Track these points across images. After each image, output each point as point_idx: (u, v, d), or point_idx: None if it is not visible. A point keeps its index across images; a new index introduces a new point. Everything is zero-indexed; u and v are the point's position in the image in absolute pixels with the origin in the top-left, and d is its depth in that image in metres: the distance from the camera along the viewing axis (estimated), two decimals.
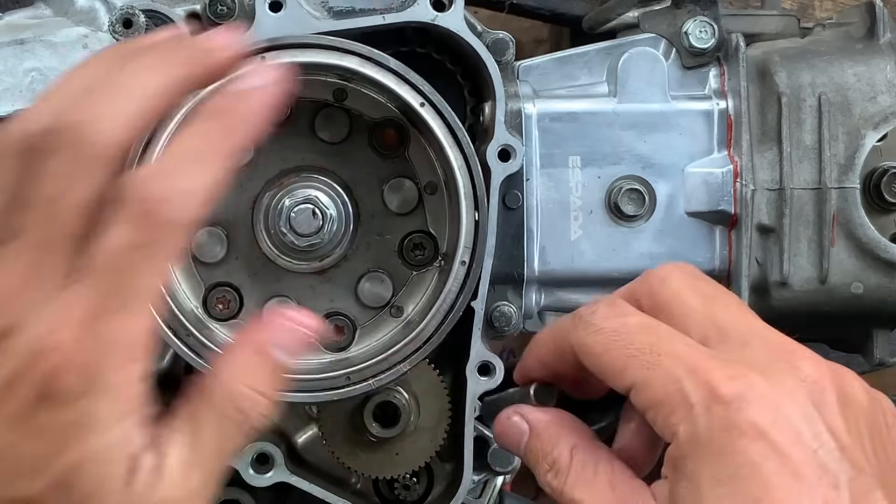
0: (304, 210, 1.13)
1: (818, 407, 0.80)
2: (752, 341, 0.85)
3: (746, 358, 0.83)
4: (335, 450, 1.25)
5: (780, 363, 0.83)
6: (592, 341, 0.88)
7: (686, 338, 0.85)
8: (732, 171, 1.24)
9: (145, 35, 0.94)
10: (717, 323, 0.86)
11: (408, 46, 1.25)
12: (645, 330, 0.86)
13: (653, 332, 0.86)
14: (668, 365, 0.82)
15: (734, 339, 0.85)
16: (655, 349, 0.84)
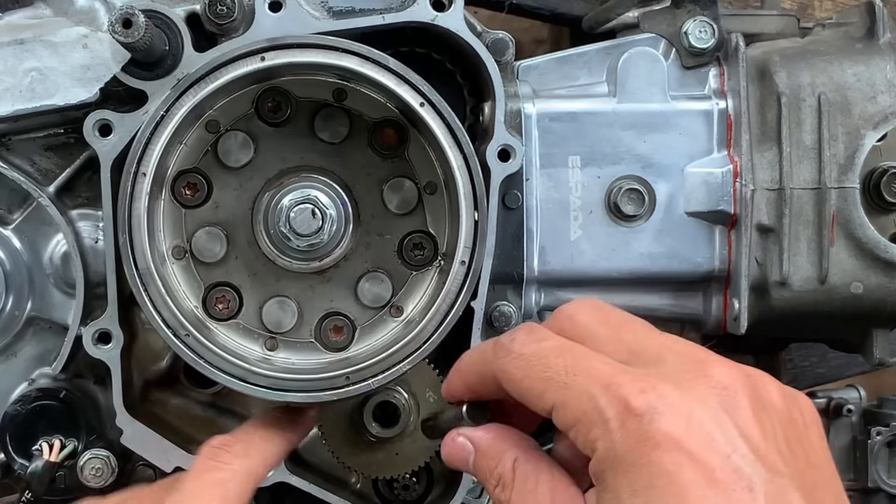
0: (304, 210, 1.13)
1: (730, 412, 0.81)
2: (666, 356, 0.87)
3: (660, 372, 0.84)
4: (335, 450, 1.25)
5: (691, 373, 0.84)
6: (512, 367, 0.90)
7: (601, 356, 0.87)
8: (732, 171, 1.24)
9: None
10: (628, 346, 0.89)
11: (408, 46, 1.25)
12: (560, 352, 0.87)
13: (568, 353, 0.87)
14: (582, 384, 0.84)
15: (648, 357, 0.87)
16: (571, 370, 0.85)
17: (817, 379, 1.93)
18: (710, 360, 0.85)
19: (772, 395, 0.84)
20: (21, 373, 1.28)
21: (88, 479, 1.23)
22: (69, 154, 1.27)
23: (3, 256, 1.27)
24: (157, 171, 1.11)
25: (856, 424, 1.66)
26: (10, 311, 1.27)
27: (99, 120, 1.14)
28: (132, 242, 1.10)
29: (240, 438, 1.09)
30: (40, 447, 1.22)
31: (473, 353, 0.99)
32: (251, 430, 1.12)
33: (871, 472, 1.62)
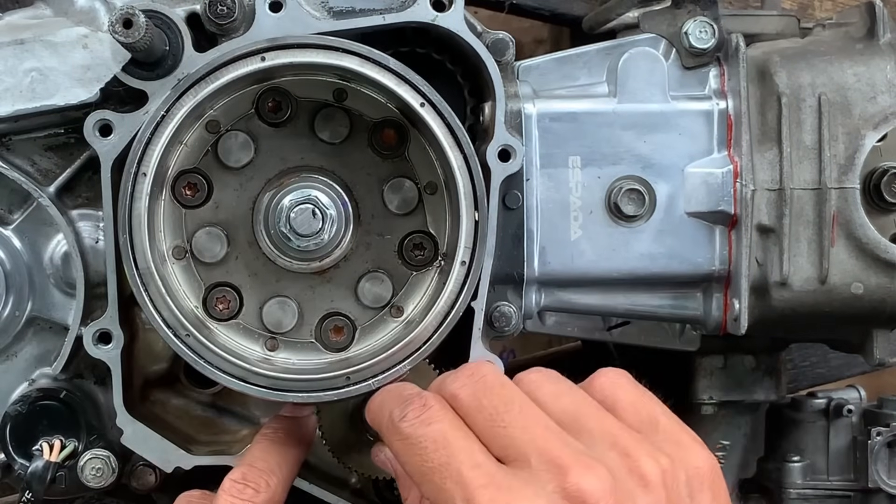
0: (304, 210, 1.13)
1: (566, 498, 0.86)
2: (530, 455, 0.90)
3: (519, 478, 0.88)
4: (335, 450, 1.25)
5: (549, 481, 0.87)
6: (397, 446, 0.94)
7: (477, 455, 0.89)
8: (732, 172, 1.24)
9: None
10: (501, 439, 0.92)
11: (408, 46, 1.25)
12: (438, 446, 0.90)
13: (444, 449, 0.90)
14: (449, 491, 0.88)
15: (515, 456, 0.90)
16: (445, 470, 0.88)
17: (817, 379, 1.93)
18: (572, 466, 0.88)
19: (594, 486, 0.87)
20: (21, 373, 1.28)
21: (89, 480, 1.23)
22: (69, 154, 1.27)
23: (3, 256, 1.27)
24: (158, 172, 1.11)
25: (856, 425, 1.66)
26: (11, 312, 1.27)
27: (99, 120, 1.14)
28: (132, 242, 1.10)
29: (259, 469, 1.10)
30: (40, 447, 1.22)
31: (376, 407, 1.03)
32: (266, 457, 1.13)
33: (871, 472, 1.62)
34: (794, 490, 1.64)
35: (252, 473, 1.10)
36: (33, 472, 1.20)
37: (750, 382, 1.55)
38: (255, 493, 1.08)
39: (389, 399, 1.01)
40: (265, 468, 1.11)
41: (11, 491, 1.32)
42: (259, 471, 1.10)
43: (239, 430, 1.33)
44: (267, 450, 1.14)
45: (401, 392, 1.00)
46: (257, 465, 1.11)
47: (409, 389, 1.01)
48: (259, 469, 1.10)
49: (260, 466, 1.11)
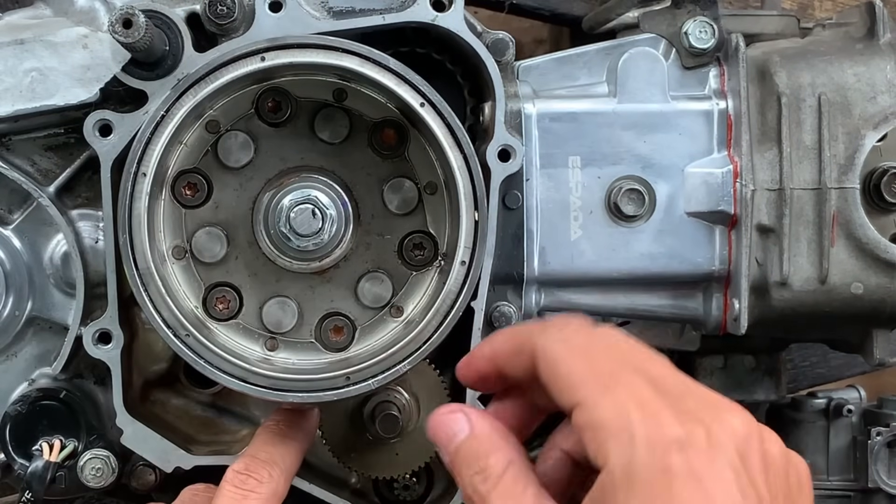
0: (304, 210, 1.13)
1: (744, 461, 0.83)
2: (686, 395, 0.88)
3: (688, 407, 0.85)
4: (335, 450, 1.25)
5: (713, 417, 0.86)
6: (557, 348, 0.90)
7: (646, 376, 0.87)
8: (732, 172, 1.24)
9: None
10: (654, 379, 0.88)
11: (408, 47, 1.25)
12: (609, 354, 0.88)
13: (617, 358, 0.89)
14: (622, 393, 0.85)
15: (672, 392, 0.87)
16: (615, 376, 0.86)
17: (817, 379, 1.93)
18: (729, 407, 0.88)
19: (776, 452, 0.87)
20: (21, 373, 1.28)
21: (88, 479, 1.23)
22: (69, 154, 1.27)
23: (3, 256, 1.27)
24: (158, 171, 1.11)
25: (856, 425, 1.66)
26: (11, 312, 1.27)
27: (99, 120, 1.14)
28: (132, 242, 1.10)
29: (262, 461, 1.10)
30: (40, 447, 1.22)
31: (515, 327, 1.00)
32: (269, 448, 1.13)
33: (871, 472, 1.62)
34: None
35: (255, 464, 1.10)
36: (33, 472, 1.20)
37: (750, 382, 1.55)
38: (258, 484, 1.08)
39: (525, 323, 1.01)
40: (267, 459, 1.11)
41: (11, 491, 1.32)
42: (261, 462, 1.10)
43: (239, 430, 1.33)
44: (269, 441, 1.14)
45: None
46: (260, 456, 1.11)
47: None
48: (261, 460, 1.11)
49: (262, 458, 1.11)
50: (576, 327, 0.92)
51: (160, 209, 1.15)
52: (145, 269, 1.10)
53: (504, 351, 0.96)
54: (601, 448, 0.84)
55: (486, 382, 0.99)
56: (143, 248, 1.10)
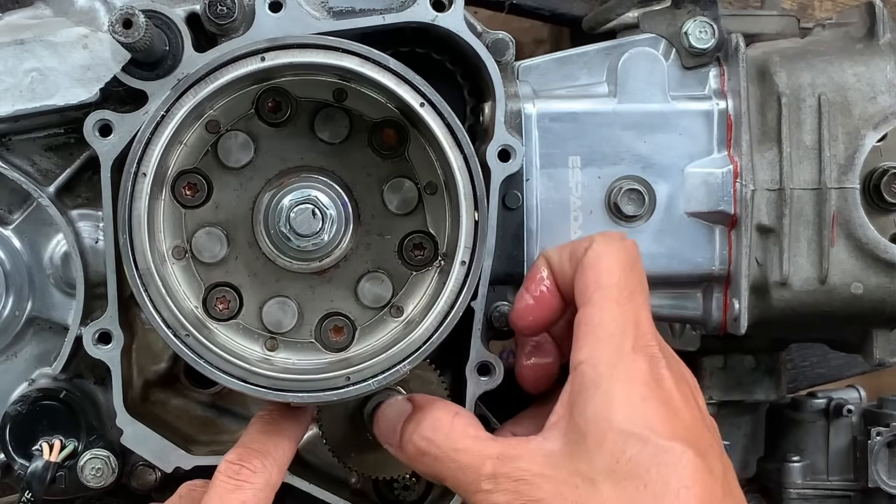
0: (304, 210, 1.13)
1: (696, 394, 1.08)
2: (660, 338, 1.10)
3: (664, 345, 1.08)
4: (335, 450, 1.25)
5: (673, 355, 1.10)
6: (607, 249, 1.07)
7: (648, 310, 1.08)
8: (732, 172, 1.24)
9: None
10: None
11: (408, 47, 1.25)
12: (640, 279, 1.08)
13: (641, 284, 1.08)
14: (629, 310, 1.05)
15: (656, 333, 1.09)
16: (633, 296, 1.05)
17: (817, 379, 1.93)
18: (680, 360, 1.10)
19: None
20: (21, 373, 1.28)
21: (88, 480, 1.24)
22: (69, 154, 1.27)
23: (3, 256, 1.27)
24: (158, 172, 1.11)
25: (856, 425, 1.66)
26: (11, 312, 1.27)
27: (99, 120, 1.14)
28: (132, 242, 1.10)
29: (255, 451, 1.11)
30: (40, 447, 1.22)
31: (561, 248, 1.15)
32: (262, 438, 1.13)
33: (871, 472, 1.62)
34: (794, 490, 1.64)
35: (248, 454, 1.11)
36: (33, 472, 1.20)
37: (750, 382, 1.55)
38: (252, 474, 1.09)
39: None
40: (260, 449, 1.11)
41: (11, 491, 1.32)
42: (255, 451, 1.11)
43: (239, 430, 1.33)
44: (263, 431, 1.14)
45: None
46: (253, 446, 1.12)
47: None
48: (254, 450, 1.11)
49: (256, 448, 1.12)
50: (631, 245, 1.10)
51: (160, 209, 1.15)
52: (145, 269, 1.10)
53: (562, 254, 1.13)
54: (587, 343, 1.02)
55: (542, 301, 1.13)
56: (143, 248, 1.10)
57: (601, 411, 0.98)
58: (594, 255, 1.08)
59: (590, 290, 1.06)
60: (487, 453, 1.02)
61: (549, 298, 1.13)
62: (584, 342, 1.03)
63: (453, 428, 1.07)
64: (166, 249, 1.16)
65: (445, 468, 1.05)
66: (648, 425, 0.97)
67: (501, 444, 1.04)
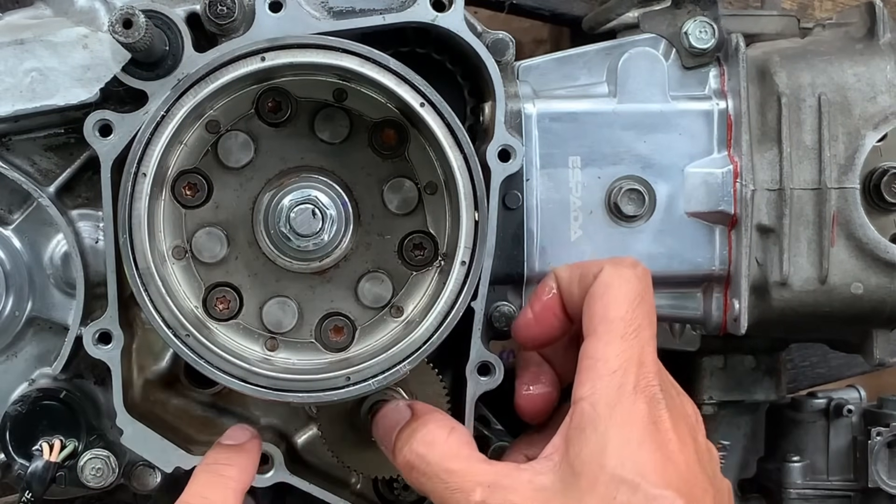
0: (304, 210, 1.13)
1: (696, 437, 1.05)
2: (663, 372, 1.08)
3: (664, 379, 1.06)
4: (335, 450, 1.25)
5: (680, 394, 1.09)
6: (618, 279, 1.06)
7: (653, 345, 1.06)
8: (732, 172, 1.24)
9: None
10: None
11: (408, 47, 1.25)
12: (648, 313, 1.06)
13: (649, 318, 1.07)
14: (634, 347, 1.03)
15: (661, 370, 1.08)
16: (639, 332, 1.04)
17: (817, 379, 1.93)
18: (684, 392, 1.08)
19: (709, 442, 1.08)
20: (21, 373, 1.28)
21: (89, 480, 1.24)
22: (69, 154, 1.27)
23: (3, 256, 1.27)
24: (158, 172, 1.11)
25: (856, 425, 1.66)
26: (11, 312, 1.27)
27: (99, 120, 1.14)
28: (132, 242, 1.10)
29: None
30: (40, 447, 1.22)
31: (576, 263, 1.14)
32: (205, 491, 1.11)
33: (871, 472, 1.62)
34: (794, 490, 1.64)
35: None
36: (33, 472, 1.20)
37: (750, 382, 1.55)
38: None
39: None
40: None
41: (11, 491, 1.32)
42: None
43: None
44: (207, 483, 1.12)
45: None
46: (194, 501, 1.09)
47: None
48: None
49: (196, 503, 1.09)
50: (642, 274, 1.08)
51: (160, 209, 1.15)
52: (145, 269, 1.10)
53: (569, 277, 1.11)
54: (591, 377, 1.01)
55: (544, 319, 1.12)
56: (143, 248, 1.10)
57: (595, 454, 0.97)
58: (603, 285, 1.06)
59: (595, 321, 1.04)
60: (478, 479, 1.01)
61: (552, 317, 1.13)
62: (586, 377, 1.02)
63: (447, 446, 1.05)
64: (166, 249, 1.16)
65: (433, 487, 1.04)
66: (641, 472, 0.95)
67: (494, 470, 1.02)
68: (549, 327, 1.13)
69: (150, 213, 1.11)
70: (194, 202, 1.17)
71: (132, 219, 1.10)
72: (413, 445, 1.07)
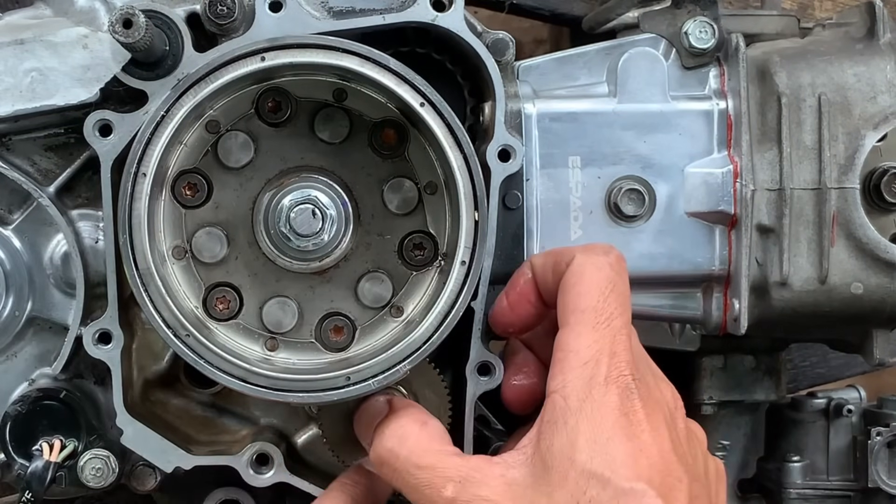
0: (304, 210, 1.13)
1: (672, 423, 1.03)
2: (641, 360, 1.08)
3: (641, 368, 1.05)
4: (335, 449, 1.24)
5: (655, 382, 1.07)
6: (590, 268, 1.05)
7: (626, 332, 1.05)
8: (732, 172, 1.24)
9: None
10: None
11: (408, 47, 1.25)
12: (620, 301, 1.04)
13: (621, 307, 1.04)
14: (605, 336, 1.02)
15: (636, 353, 1.07)
16: (611, 321, 1.02)
17: (817, 379, 1.93)
18: (663, 377, 1.08)
19: (691, 426, 1.06)
20: (21, 373, 1.28)
21: (89, 480, 1.23)
22: (69, 154, 1.27)
23: (3, 256, 1.27)
24: (158, 172, 1.11)
25: (856, 425, 1.66)
26: (11, 312, 1.27)
27: (99, 120, 1.14)
28: (132, 242, 1.10)
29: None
30: (40, 447, 1.22)
31: (552, 249, 1.13)
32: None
33: (871, 472, 1.62)
34: (794, 490, 1.64)
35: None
36: (33, 472, 1.20)
37: (750, 382, 1.55)
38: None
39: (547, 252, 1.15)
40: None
41: (11, 491, 1.32)
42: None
43: (239, 430, 1.33)
44: (337, 499, 1.15)
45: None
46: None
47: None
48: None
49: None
50: (614, 261, 1.06)
51: (160, 209, 1.15)
52: (145, 269, 1.10)
53: (543, 264, 1.10)
54: (563, 370, 1.00)
55: (519, 307, 1.12)
56: (143, 248, 1.10)
57: (566, 447, 0.96)
58: (574, 274, 1.05)
59: (567, 312, 1.04)
60: (449, 474, 1.00)
61: (526, 304, 1.12)
62: (558, 369, 1.01)
63: (418, 441, 1.04)
64: (166, 249, 1.16)
65: (405, 482, 1.03)
66: (611, 466, 0.94)
67: (466, 464, 1.01)
68: (524, 315, 1.13)
69: (150, 213, 1.11)
70: (194, 202, 1.17)
71: (132, 219, 1.10)
72: (384, 440, 1.06)
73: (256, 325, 1.18)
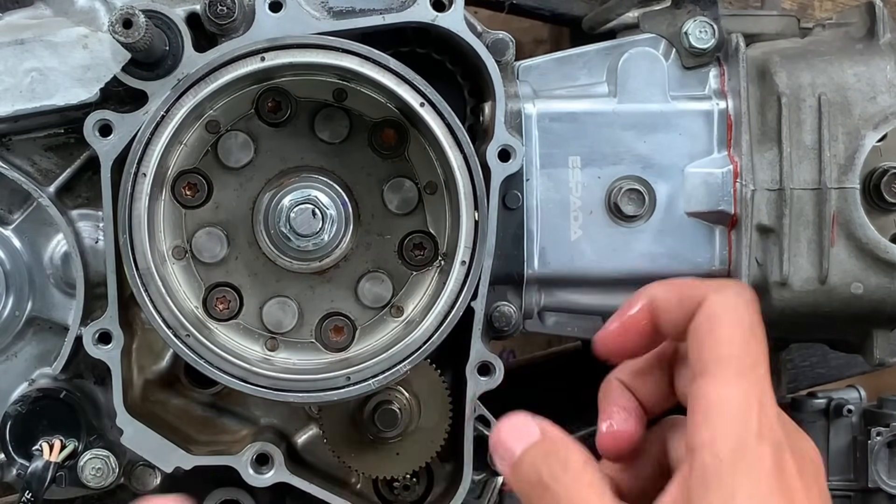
0: (304, 210, 1.13)
1: (819, 483, 0.96)
2: (781, 413, 0.97)
3: (785, 421, 0.96)
4: (335, 449, 1.25)
5: (803, 439, 0.97)
6: (726, 310, 0.95)
7: (768, 382, 0.96)
8: (732, 172, 1.24)
9: None
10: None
11: (408, 47, 1.25)
12: (761, 346, 0.95)
13: (762, 352, 0.95)
14: (753, 386, 0.93)
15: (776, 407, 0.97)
16: (755, 368, 0.93)
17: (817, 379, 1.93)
18: (805, 436, 0.98)
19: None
20: (21, 373, 1.28)
21: (89, 480, 1.24)
22: (69, 154, 1.27)
23: (3, 256, 1.27)
24: (158, 172, 1.11)
25: (856, 425, 1.66)
26: (11, 312, 1.27)
27: (99, 120, 1.14)
28: (132, 242, 1.10)
29: None
30: (40, 447, 1.22)
31: (676, 280, 1.02)
32: None
33: (871, 472, 1.62)
34: None
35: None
36: (33, 472, 1.20)
37: None
38: None
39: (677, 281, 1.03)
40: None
41: (11, 491, 1.32)
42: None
43: (239, 430, 1.33)
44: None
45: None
46: None
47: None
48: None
49: None
50: (750, 300, 0.97)
51: (160, 209, 1.15)
52: (145, 269, 1.10)
53: (667, 297, 1.01)
54: (710, 423, 0.91)
55: (628, 336, 1.02)
56: (143, 248, 1.10)
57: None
58: (710, 318, 0.97)
59: (705, 358, 0.95)
60: None
61: (636, 334, 1.04)
62: (702, 420, 0.93)
63: (585, 475, 0.97)
64: (166, 249, 1.16)
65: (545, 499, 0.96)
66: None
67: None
68: (631, 343, 1.04)
69: (150, 213, 1.11)
70: (194, 202, 1.17)
71: (132, 219, 1.10)
72: (549, 465, 0.98)
73: (256, 325, 1.18)
